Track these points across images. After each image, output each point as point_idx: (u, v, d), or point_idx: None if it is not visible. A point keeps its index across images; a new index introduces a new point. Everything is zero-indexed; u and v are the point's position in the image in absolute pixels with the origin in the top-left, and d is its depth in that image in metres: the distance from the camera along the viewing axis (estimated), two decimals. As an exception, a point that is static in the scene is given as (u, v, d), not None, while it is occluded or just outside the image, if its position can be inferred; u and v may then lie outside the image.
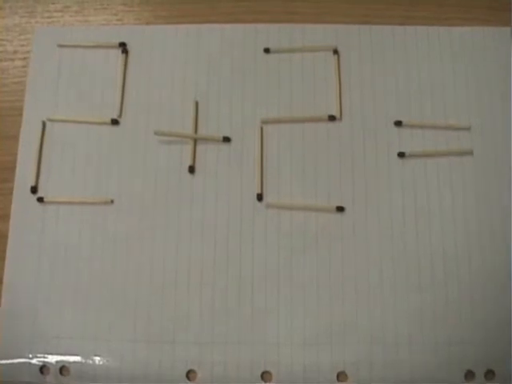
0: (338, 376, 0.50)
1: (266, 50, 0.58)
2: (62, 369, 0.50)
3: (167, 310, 0.52)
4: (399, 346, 0.51)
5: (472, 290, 0.52)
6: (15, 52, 0.60)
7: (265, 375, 0.50)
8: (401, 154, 0.55)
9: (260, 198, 0.54)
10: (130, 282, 0.52)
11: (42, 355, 0.50)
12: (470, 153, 0.55)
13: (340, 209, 0.54)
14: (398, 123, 0.56)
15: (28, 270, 0.52)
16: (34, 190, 0.54)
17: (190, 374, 0.50)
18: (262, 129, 0.56)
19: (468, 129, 0.56)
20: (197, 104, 0.57)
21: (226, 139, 0.56)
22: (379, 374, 0.50)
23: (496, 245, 0.53)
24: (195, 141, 0.56)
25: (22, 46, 0.60)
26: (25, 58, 0.59)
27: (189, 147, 0.55)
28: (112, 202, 0.54)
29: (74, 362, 0.50)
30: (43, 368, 0.50)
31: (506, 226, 0.53)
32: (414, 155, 0.55)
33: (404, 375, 0.50)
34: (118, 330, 0.51)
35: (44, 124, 0.56)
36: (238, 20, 0.59)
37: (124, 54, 0.58)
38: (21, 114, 0.57)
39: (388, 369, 0.50)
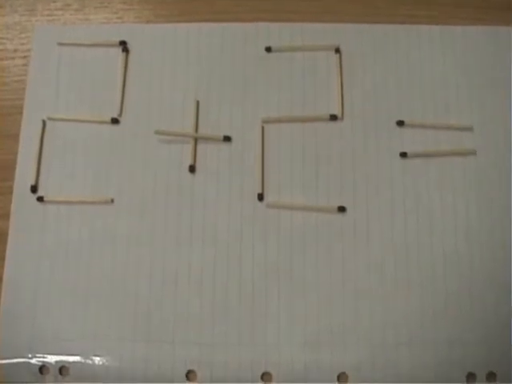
0: (338, 377, 0.50)
1: (268, 49, 0.58)
2: (62, 369, 0.50)
3: (167, 309, 0.51)
4: (400, 347, 0.50)
5: (472, 291, 0.52)
6: (15, 50, 0.59)
7: (265, 376, 0.50)
8: (403, 154, 0.55)
9: (261, 197, 0.54)
10: (130, 281, 0.52)
11: (41, 355, 0.50)
12: (472, 153, 0.55)
13: (341, 209, 0.53)
14: (400, 123, 0.56)
15: (28, 269, 0.52)
16: (33, 189, 0.54)
17: (189, 374, 0.50)
18: (262, 128, 0.56)
19: (470, 129, 0.56)
20: (197, 103, 0.56)
21: (227, 138, 0.55)
22: (380, 375, 0.50)
23: (498, 246, 0.53)
24: (196, 140, 0.55)
25: (23, 44, 0.59)
26: (25, 57, 0.59)
27: (189, 146, 0.55)
28: (112, 201, 0.54)
29: (74, 362, 0.50)
30: (43, 368, 0.50)
31: (508, 226, 0.53)
32: (416, 155, 0.55)
33: (405, 376, 0.50)
34: (117, 329, 0.51)
35: (44, 123, 0.56)
36: (239, 19, 0.59)
37: (124, 53, 0.58)
38: (21, 113, 0.56)
39: (389, 370, 0.50)
